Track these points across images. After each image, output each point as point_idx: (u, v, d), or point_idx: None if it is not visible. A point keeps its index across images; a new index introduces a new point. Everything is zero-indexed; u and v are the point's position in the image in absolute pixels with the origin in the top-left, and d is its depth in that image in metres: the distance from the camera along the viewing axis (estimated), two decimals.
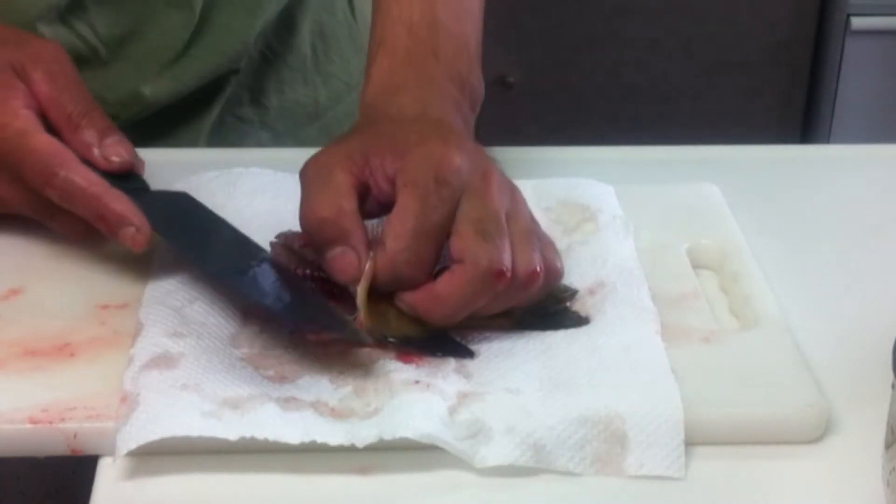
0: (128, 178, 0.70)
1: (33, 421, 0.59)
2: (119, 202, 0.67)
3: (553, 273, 0.66)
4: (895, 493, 0.56)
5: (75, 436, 0.59)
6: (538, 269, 0.64)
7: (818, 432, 0.62)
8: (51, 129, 0.70)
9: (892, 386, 0.56)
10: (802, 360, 0.65)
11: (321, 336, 0.64)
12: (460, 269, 0.62)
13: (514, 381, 0.62)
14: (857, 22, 2.22)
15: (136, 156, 0.71)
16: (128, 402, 0.59)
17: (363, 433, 0.58)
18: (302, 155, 0.86)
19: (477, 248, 0.62)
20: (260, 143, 0.95)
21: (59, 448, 0.59)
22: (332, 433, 0.58)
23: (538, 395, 0.61)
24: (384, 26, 0.77)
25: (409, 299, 0.64)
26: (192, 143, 0.92)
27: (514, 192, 0.67)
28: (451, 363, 0.63)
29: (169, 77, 0.89)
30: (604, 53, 2.31)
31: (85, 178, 0.67)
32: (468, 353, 0.64)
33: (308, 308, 0.66)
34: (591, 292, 0.69)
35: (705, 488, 0.59)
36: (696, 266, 0.74)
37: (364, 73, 0.76)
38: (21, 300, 0.69)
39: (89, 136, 0.70)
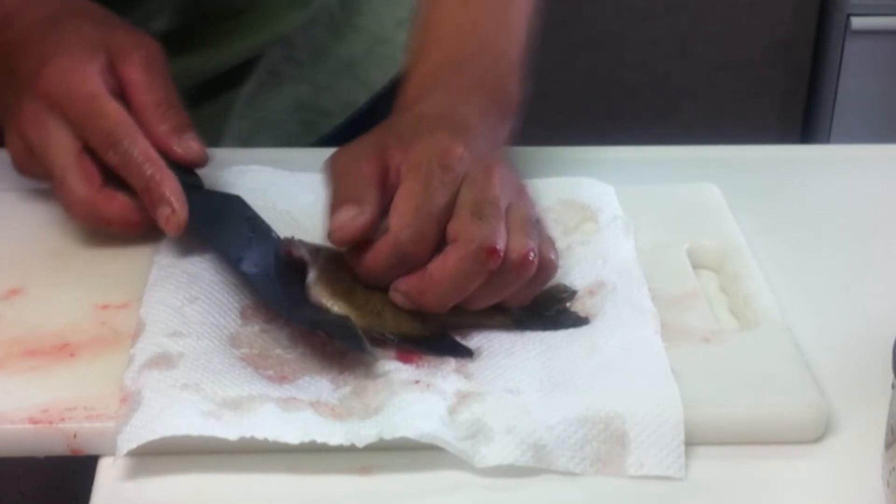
0: (186, 174, 0.73)
1: (33, 421, 0.59)
2: (169, 182, 0.70)
3: (547, 265, 0.66)
4: (895, 493, 0.56)
5: (75, 436, 0.59)
6: (532, 254, 0.64)
7: (818, 432, 0.62)
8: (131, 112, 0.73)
9: (892, 386, 0.56)
10: (802, 360, 0.65)
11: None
12: (453, 248, 0.63)
13: (514, 381, 0.62)
14: (857, 22, 2.22)
15: (206, 157, 0.74)
16: (128, 402, 0.59)
17: (363, 433, 0.58)
18: (299, 154, 0.87)
19: (470, 227, 0.63)
20: (298, 98, 0.96)
21: (59, 448, 0.59)
22: (332, 433, 0.58)
23: (538, 394, 0.61)
24: (424, 34, 0.78)
25: (402, 285, 0.64)
26: (230, 105, 0.94)
27: (520, 189, 0.68)
28: (451, 363, 0.63)
29: (215, 55, 0.91)
30: (604, 53, 2.31)
31: (144, 152, 0.70)
32: (468, 353, 0.64)
33: (321, 319, 0.66)
34: (591, 292, 0.69)
35: (705, 488, 0.59)
36: (696, 266, 0.74)
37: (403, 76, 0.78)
38: (21, 300, 0.69)
39: (172, 125, 0.72)
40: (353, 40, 0.99)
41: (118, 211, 0.72)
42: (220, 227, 0.72)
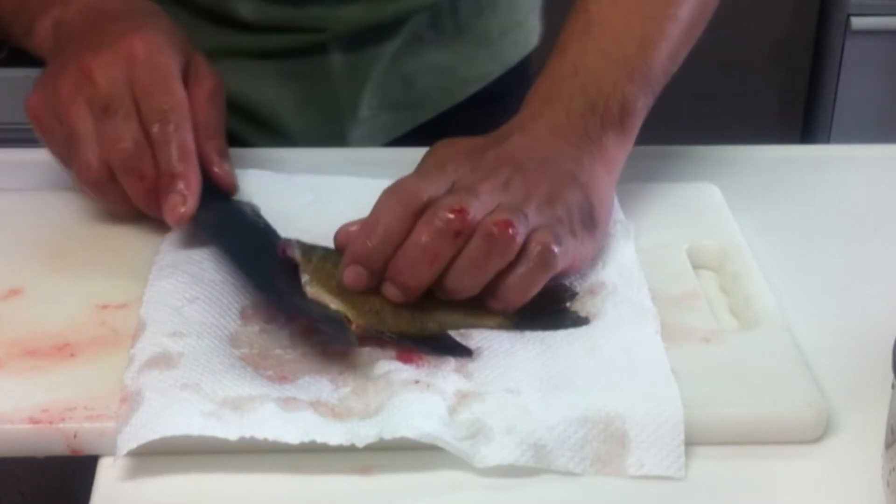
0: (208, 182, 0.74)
1: (33, 421, 0.59)
2: (192, 177, 0.72)
3: (546, 252, 0.66)
4: (895, 493, 0.56)
5: (75, 436, 0.59)
6: (510, 226, 0.64)
7: (818, 432, 0.62)
8: None
9: (892, 386, 0.56)
10: (802, 360, 0.65)
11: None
12: (422, 217, 0.65)
13: (514, 381, 0.62)
14: (857, 22, 2.22)
15: (237, 187, 0.78)
16: (128, 402, 0.59)
17: (363, 433, 0.58)
18: (297, 154, 0.86)
19: (441, 199, 0.65)
20: (439, 64, 1.00)
21: (59, 448, 0.59)
22: (332, 433, 0.58)
23: (538, 394, 0.61)
24: (568, 28, 0.79)
25: (387, 273, 0.65)
26: (375, 59, 0.98)
27: (528, 197, 0.67)
28: (451, 363, 0.63)
29: (373, 9, 0.95)
30: None
31: (185, 141, 0.72)
32: (467, 353, 0.64)
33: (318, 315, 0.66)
34: (591, 292, 0.69)
35: (705, 488, 0.59)
36: (696, 266, 0.74)
37: None
38: (21, 300, 0.69)
39: (217, 146, 0.76)
40: (491, 21, 1.02)
41: (152, 173, 0.72)
42: (227, 230, 0.72)
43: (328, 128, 0.98)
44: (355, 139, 0.99)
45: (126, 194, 0.73)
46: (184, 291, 0.67)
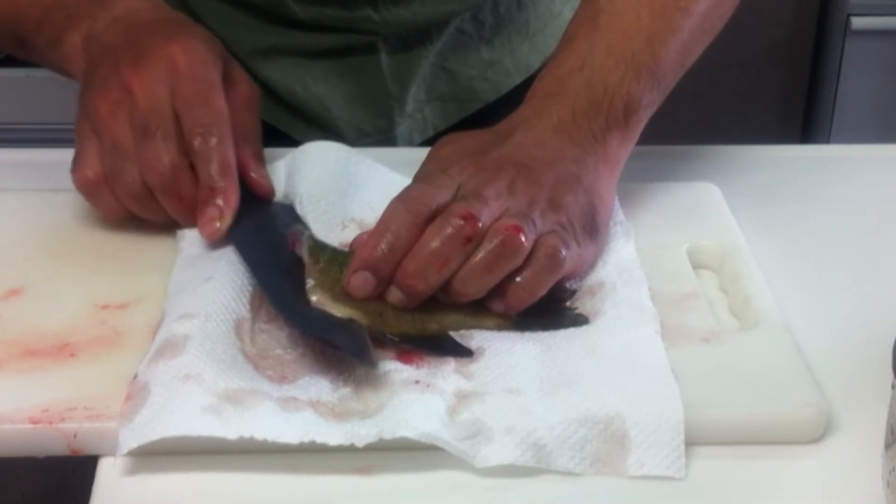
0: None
1: (33, 421, 0.59)
2: (231, 194, 0.72)
3: (553, 253, 0.66)
4: (895, 493, 0.56)
5: (75, 436, 0.59)
6: (520, 231, 0.65)
7: (818, 432, 0.62)
8: None
9: (892, 386, 0.56)
10: (802, 360, 0.65)
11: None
12: (432, 223, 0.65)
13: (514, 381, 0.62)
14: (857, 22, 2.22)
15: (273, 193, 0.77)
16: (134, 397, 0.59)
17: (363, 433, 0.58)
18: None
19: (450, 206, 0.66)
20: (482, 58, 1.02)
21: (59, 448, 0.59)
22: (331, 433, 0.58)
23: (538, 394, 0.61)
24: (574, 24, 0.78)
25: (395, 277, 0.65)
26: (422, 57, 0.99)
27: (532, 202, 0.67)
28: (451, 363, 0.64)
29: (421, 11, 0.96)
30: None
31: (227, 157, 0.72)
32: (467, 353, 0.64)
33: (333, 330, 0.66)
34: (591, 292, 0.69)
35: (705, 488, 0.59)
36: (696, 266, 0.74)
37: None
38: (21, 300, 0.69)
39: (254, 152, 0.76)
40: (531, 13, 1.03)
41: (191, 193, 0.72)
42: (251, 245, 0.71)
43: (377, 123, 0.99)
44: (403, 133, 1.00)
45: (163, 209, 0.73)
46: (202, 274, 0.68)
